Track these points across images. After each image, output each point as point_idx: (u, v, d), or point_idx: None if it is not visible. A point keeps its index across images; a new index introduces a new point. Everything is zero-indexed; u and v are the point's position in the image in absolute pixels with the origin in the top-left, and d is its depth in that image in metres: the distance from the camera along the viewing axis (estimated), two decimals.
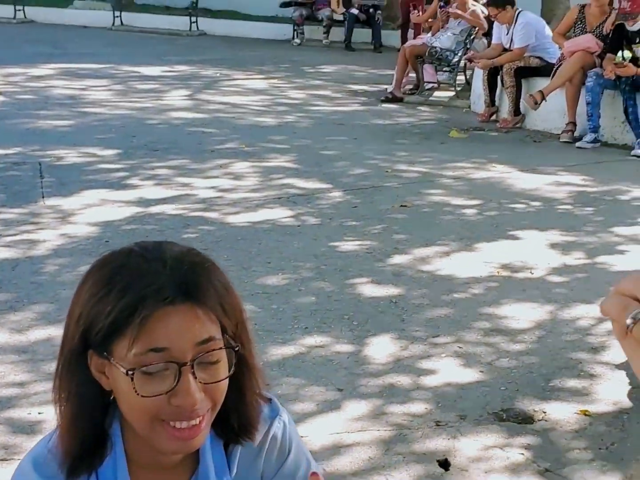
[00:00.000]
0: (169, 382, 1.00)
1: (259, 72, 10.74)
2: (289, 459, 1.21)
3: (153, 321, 0.98)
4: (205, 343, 1.00)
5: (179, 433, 1.03)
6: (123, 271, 1.02)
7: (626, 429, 2.41)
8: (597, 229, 4.46)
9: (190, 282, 1.01)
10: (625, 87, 6.62)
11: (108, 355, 1.02)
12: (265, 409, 1.19)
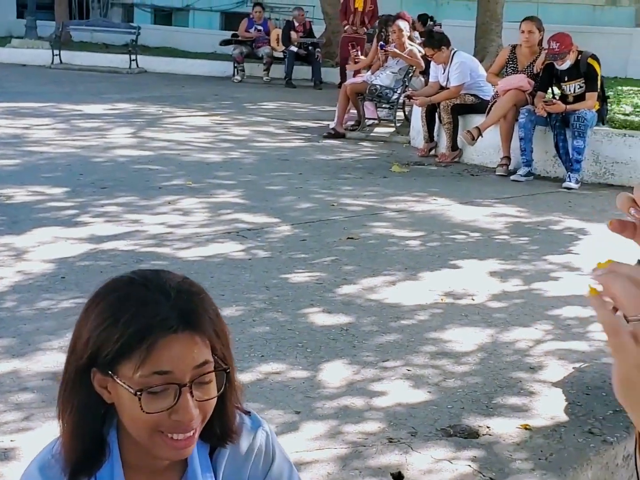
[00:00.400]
0: (170, 400, 1.14)
1: (201, 109, 10.89)
2: (274, 466, 1.37)
3: (159, 348, 1.12)
4: (202, 366, 1.16)
5: (176, 443, 1.18)
6: (129, 301, 1.17)
7: (563, 440, 2.61)
8: (532, 257, 4.72)
9: (190, 312, 1.16)
10: (556, 123, 6.98)
11: (113, 374, 1.16)
12: (247, 421, 1.35)
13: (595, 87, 6.93)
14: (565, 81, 7.03)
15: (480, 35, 12.39)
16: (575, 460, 2.50)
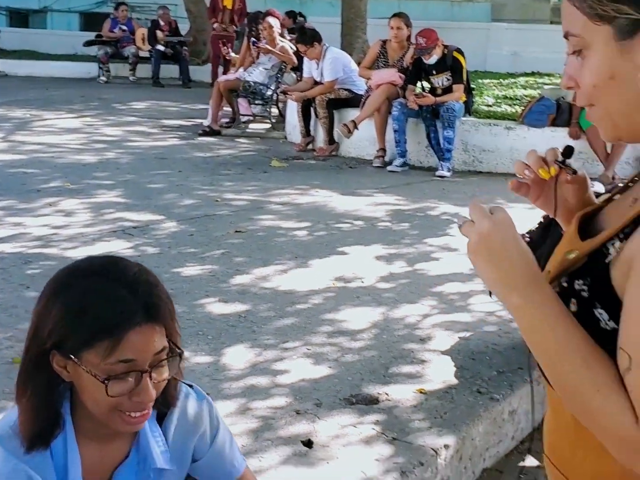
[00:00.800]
0: (131, 384, 1.25)
1: (70, 111, 10.65)
2: (218, 435, 1.49)
3: (125, 340, 1.22)
4: (160, 352, 1.27)
5: (134, 420, 1.28)
6: (94, 294, 1.25)
7: (455, 401, 2.82)
8: (413, 241, 4.97)
9: (154, 306, 1.26)
10: (426, 115, 7.33)
11: (76, 359, 1.24)
12: (192, 393, 1.46)
13: (461, 80, 7.32)
14: (433, 75, 7.39)
15: (346, 32, 12.68)
16: (467, 417, 2.71)
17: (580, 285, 1.00)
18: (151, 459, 1.38)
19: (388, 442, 2.52)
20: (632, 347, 0.92)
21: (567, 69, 1.03)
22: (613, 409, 0.92)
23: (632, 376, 0.92)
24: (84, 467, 1.34)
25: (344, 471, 2.35)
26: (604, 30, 0.96)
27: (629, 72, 0.96)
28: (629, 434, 0.91)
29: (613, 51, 0.96)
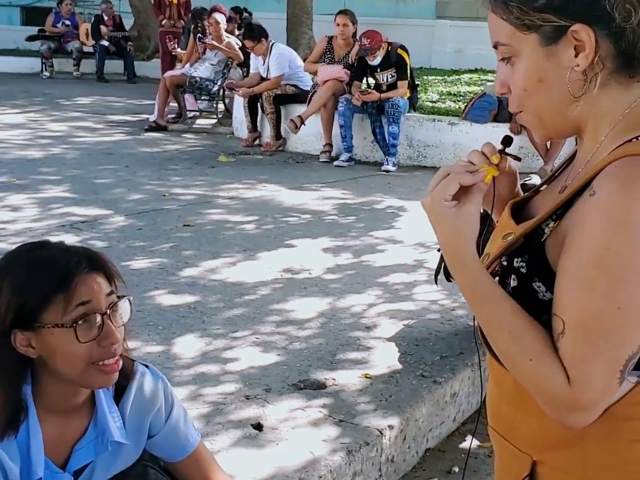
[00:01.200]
0: (96, 330, 1.36)
1: (13, 106, 10.52)
2: (173, 411, 1.58)
3: (78, 285, 1.34)
4: (111, 295, 1.35)
5: (108, 368, 1.38)
6: (41, 259, 1.36)
7: (400, 384, 2.94)
8: (359, 233, 5.09)
9: (96, 258, 1.41)
10: (372, 110, 7.46)
11: (38, 325, 1.32)
12: (148, 372, 1.55)
13: (405, 76, 7.47)
14: (378, 71, 7.52)
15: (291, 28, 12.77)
16: (411, 399, 2.83)
17: (519, 262, 1.10)
18: (109, 432, 1.46)
19: (335, 424, 2.62)
20: (565, 312, 1.02)
21: (498, 76, 1.13)
22: (546, 373, 1.02)
23: (565, 339, 1.02)
24: (45, 443, 1.41)
25: (293, 452, 2.44)
26: (530, 38, 1.06)
27: (556, 74, 1.06)
28: (561, 393, 1.01)
29: (540, 56, 1.06)
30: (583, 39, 1.03)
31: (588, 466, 1.10)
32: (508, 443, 1.20)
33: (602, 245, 0.98)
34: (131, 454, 1.54)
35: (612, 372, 1.00)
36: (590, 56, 1.04)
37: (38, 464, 1.39)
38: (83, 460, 1.46)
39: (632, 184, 0.98)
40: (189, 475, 1.63)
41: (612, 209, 0.98)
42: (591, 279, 0.99)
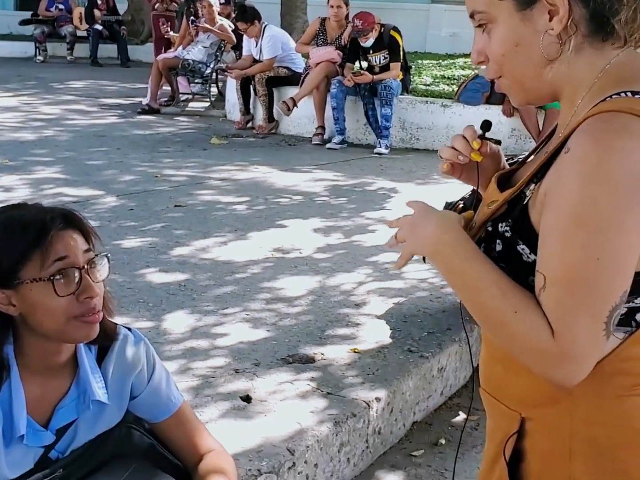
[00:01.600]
0: (75, 285, 1.38)
1: (6, 90, 10.49)
2: (155, 373, 1.60)
3: (54, 241, 1.36)
4: (88, 252, 1.37)
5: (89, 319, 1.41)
6: (17, 217, 1.38)
7: (387, 358, 2.97)
8: (351, 214, 5.11)
9: (71, 215, 1.42)
10: (365, 92, 7.46)
11: (17, 282, 1.34)
12: (130, 335, 1.57)
13: (398, 58, 7.46)
14: (370, 53, 7.51)
15: (285, 12, 12.71)
16: (398, 373, 2.86)
17: (503, 227, 1.13)
18: (90, 392, 1.48)
19: (323, 396, 2.65)
20: (546, 268, 1.04)
21: (475, 46, 1.16)
22: (532, 326, 1.04)
23: (546, 294, 1.04)
24: (27, 402, 1.44)
25: (281, 423, 2.47)
26: (506, 4, 1.09)
27: (532, 38, 1.09)
28: (547, 347, 1.03)
29: (516, 21, 1.09)
30: (556, 3, 1.06)
31: (576, 421, 1.12)
32: (498, 402, 1.22)
33: (578, 198, 1.01)
34: (114, 415, 1.57)
35: (597, 324, 1.02)
36: (564, 20, 1.07)
37: (20, 422, 1.41)
38: (65, 419, 1.49)
39: (603, 138, 1.01)
40: (173, 435, 1.65)
41: (584, 163, 1.01)
42: (569, 232, 1.02)
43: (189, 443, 1.67)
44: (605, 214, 0.99)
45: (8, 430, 1.41)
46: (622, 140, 1.00)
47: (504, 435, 1.20)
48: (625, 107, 1.02)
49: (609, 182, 0.99)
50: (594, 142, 1.01)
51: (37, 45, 14.43)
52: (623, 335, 1.09)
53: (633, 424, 1.11)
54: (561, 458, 1.14)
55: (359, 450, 2.63)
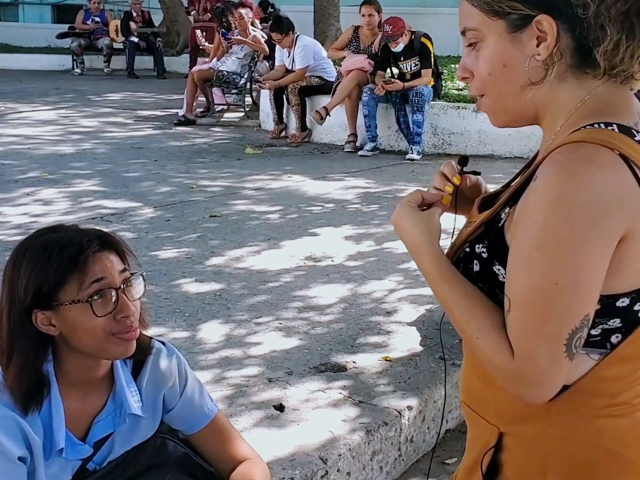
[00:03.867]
0: (112, 304, 1.44)
1: (45, 103, 10.73)
2: (187, 385, 1.67)
3: (91, 263, 1.42)
4: (124, 272, 1.43)
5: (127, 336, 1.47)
6: (55, 241, 1.44)
7: (419, 367, 3.00)
8: (382, 221, 5.14)
9: (107, 236, 1.49)
10: (396, 99, 7.49)
11: (57, 304, 1.41)
12: (164, 349, 1.64)
13: (429, 64, 7.49)
14: (401, 60, 7.55)
15: (318, 20, 12.80)
16: (430, 381, 2.89)
17: (480, 248, 1.17)
18: (126, 405, 1.55)
19: (354, 404, 2.69)
20: (510, 291, 1.09)
21: (462, 62, 1.20)
22: (493, 348, 1.09)
23: (510, 316, 1.08)
24: (66, 417, 1.51)
25: (313, 431, 2.52)
26: (498, 25, 1.12)
27: (519, 61, 1.12)
28: (507, 368, 1.08)
29: (506, 42, 1.12)
30: (546, 30, 1.10)
31: (551, 439, 1.15)
32: (478, 416, 1.25)
33: (540, 225, 1.04)
34: (149, 427, 1.63)
35: (555, 347, 1.05)
36: (550, 47, 1.10)
37: (60, 436, 1.48)
38: (102, 432, 1.55)
39: (567, 167, 1.04)
40: (209, 444, 1.71)
41: (548, 191, 1.04)
42: (530, 257, 1.05)
43: (224, 452, 1.72)
44: (564, 240, 1.03)
45: (48, 444, 1.48)
46: (585, 169, 1.03)
47: (482, 447, 1.23)
48: (593, 137, 1.05)
49: (569, 210, 1.02)
50: (558, 171, 1.05)
51: (74, 58, 14.70)
52: (598, 357, 1.12)
53: (607, 443, 1.14)
54: (536, 474, 1.17)
55: (391, 459, 2.67)
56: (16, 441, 1.42)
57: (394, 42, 7.38)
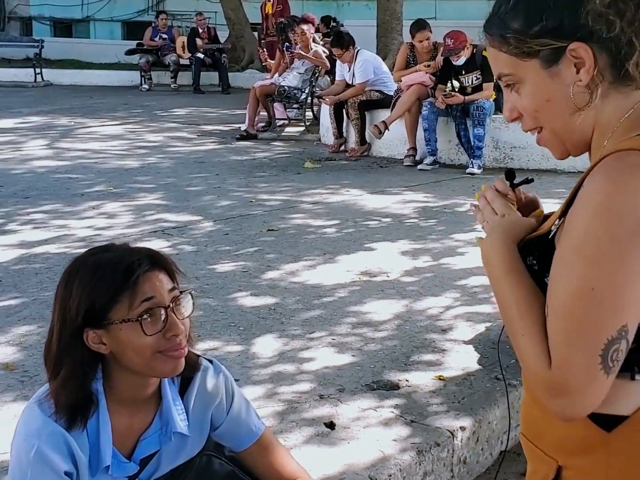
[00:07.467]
0: (161, 323, 1.47)
1: (113, 118, 10.99)
2: (234, 402, 1.68)
3: (141, 282, 1.45)
4: (173, 291, 1.45)
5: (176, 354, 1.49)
6: (107, 260, 1.46)
7: (474, 386, 2.96)
8: (440, 236, 5.10)
9: (157, 256, 1.52)
10: (456, 113, 7.43)
11: (107, 322, 1.44)
12: (211, 367, 1.66)
13: (491, 78, 7.37)
14: (463, 74, 7.49)
15: (381, 34, 12.82)
16: (484, 402, 2.85)
17: (531, 260, 1.17)
18: (172, 424, 1.57)
19: (406, 424, 2.67)
20: (549, 298, 1.08)
21: (506, 103, 1.20)
22: (533, 351, 1.08)
23: (548, 322, 1.08)
24: (114, 434, 1.53)
25: (364, 450, 2.51)
26: (532, 64, 1.12)
27: (561, 92, 1.12)
28: (542, 376, 1.07)
29: (544, 79, 1.12)
30: (582, 56, 1.09)
31: (610, 469, 1.12)
32: (536, 448, 1.23)
33: (582, 230, 1.04)
34: (195, 445, 1.65)
35: (590, 357, 1.03)
36: (590, 70, 1.09)
37: (106, 453, 1.50)
38: (148, 450, 1.57)
39: (614, 174, 1.04)
40: (257, 462, 1.72)
41: (593, 197, 1.04)
42: (570, 263, 1.05)
43: (272, 470, 1.73)
44: (604, 246, 1.02)
45: (95, 461, 1.50)
46: (631, 177, 1.03)
47: None
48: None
49: (612, 216, 1.02)
50: (604, 178, 1.04)
51: (142, 74, 15.03)
52: None
53: None
54: None
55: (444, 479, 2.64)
56: (63, 456, 1.45)
57: (455, 56, 7.34)
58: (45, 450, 1.43)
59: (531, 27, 1.10)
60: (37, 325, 3.46)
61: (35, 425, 1.46)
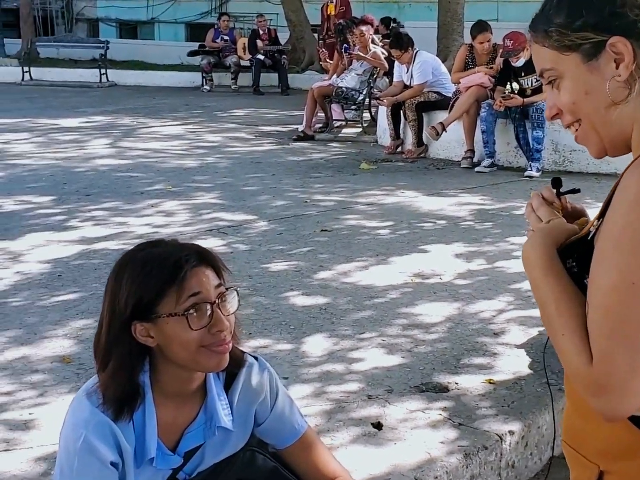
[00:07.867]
0: (207, 318, 1.49)
1: (174, 118, 11.16)
2: (278, 400, 1.71)
3: (188, 277, 1.48)
4: (219, 287, 1.48)
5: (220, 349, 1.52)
6: (155, 255, 1.50)
7: (524, 391, 2.93)
8: (495, 240, 5.05)
9: (204, 252, 1.54)
10: (515, 115, 7.34)
11: (155, 316, 1.47)
12: (256, 363, 1.68)
13: None
14: (522, 76, 7.40)
15: (442, 35, 12.73)
16: (534, 406, 2.82)
17: (570, 263, 1.17)
18: (216, 418, 1.60)
19: (454, 427, 2.66)
20: (590, 294, 1.08)
21: (548, 102, 1.21)
22: (574, 349, 1.07)
23: (589, 319, 1.07)
24: (159, 427, 1.57)
25: (410, 452, 2.51)
26: (572, 58, 1.14)
27: (600, 86, 1.13)
28: (584, 373, 1.06)
29: (583, 72, 1.13)
30: (621, 51, 1.10)
31: None
32: (578, 454, 1.22)
33: (620, 224, 1.04)
34: (239, 440, 1.67)
35: (633, 353, 1.02)
36: (630, 65, 1.10)
37: (151, 445, 1.54)
38: (192, 443, 1.61)
39: None
40: (299, 460, 1.74)
41: (629, 192, 1.04)
42: (608, 257, 1.04)
43: (314, 468, 1.74)
44: None
45: (140, 452, 1.54)
46: None
47: None
48: None
49: None
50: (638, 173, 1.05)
51: (203, 75, 15.22)
52: None
53: None
54: None
55: None
56: (109, 447, 1.49)
57: (515, 57, 7.25)
58: (92, 440, 1.47)
59: (573, 21, 1.12)
60: (94, 319, 3.51)
61: (83, 415, 1.51)
